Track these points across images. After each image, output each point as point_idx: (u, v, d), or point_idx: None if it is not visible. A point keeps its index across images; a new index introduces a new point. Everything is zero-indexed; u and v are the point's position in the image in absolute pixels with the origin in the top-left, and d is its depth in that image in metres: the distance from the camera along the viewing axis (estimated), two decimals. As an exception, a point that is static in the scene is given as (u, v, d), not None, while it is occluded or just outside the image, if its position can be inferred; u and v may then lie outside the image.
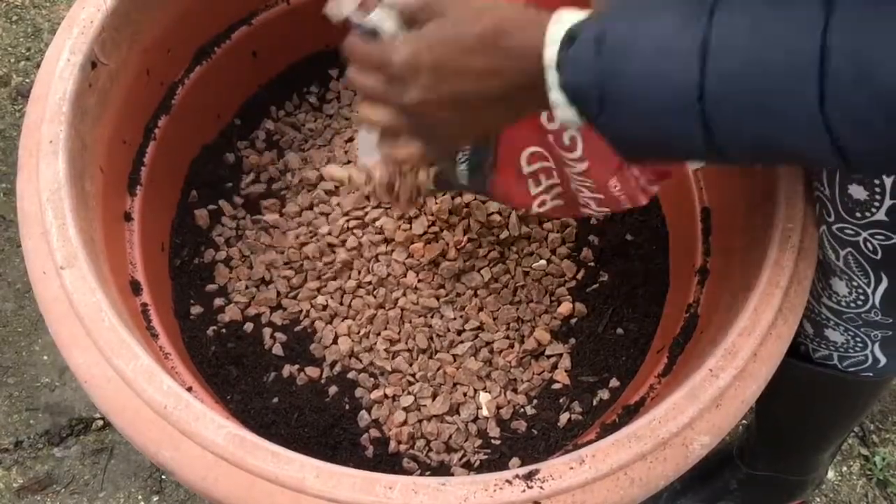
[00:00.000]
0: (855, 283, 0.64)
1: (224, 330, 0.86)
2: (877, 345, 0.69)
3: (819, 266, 0.67)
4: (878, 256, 0.60)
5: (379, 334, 0.87)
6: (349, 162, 0.97)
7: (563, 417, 0.83)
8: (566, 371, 0.87)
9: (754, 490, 0.97)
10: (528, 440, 0.82)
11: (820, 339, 0.72)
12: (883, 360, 0.70)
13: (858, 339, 0.69)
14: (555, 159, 0.70)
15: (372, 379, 0.85)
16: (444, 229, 0.92)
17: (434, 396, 0.85)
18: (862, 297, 0.65)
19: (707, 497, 0.99)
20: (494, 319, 0.88)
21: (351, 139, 0.99)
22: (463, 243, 0.91)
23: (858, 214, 0.59)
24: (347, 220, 0.92)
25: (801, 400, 0.81)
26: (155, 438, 0.55)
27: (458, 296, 0.89)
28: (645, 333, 0.87)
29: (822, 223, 0.64)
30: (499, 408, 0.85)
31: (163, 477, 1.02)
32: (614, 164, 0.66)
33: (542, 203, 0.74)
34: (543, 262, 0.91)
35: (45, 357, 1.09)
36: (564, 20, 0.45)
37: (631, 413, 0.75)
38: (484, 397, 0.85)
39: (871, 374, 0.72)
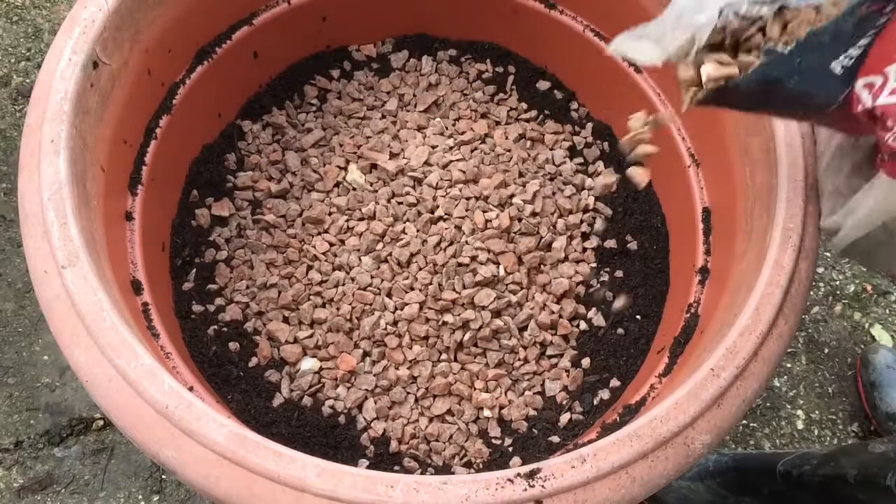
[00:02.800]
0: None
1: (225, 329, 0.87)
2: None
3: None
4: None
5: (378, 332, 0.87)
6: (350, 162, 0.97)
7: (564, 417, 0.83)
8: (567, 371, 0.87)
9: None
10: (528, 440, 0.83)
11: None
12: None
13: None
14: None
15: (373, 378, 0.85)
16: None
17: (435, 396, 0.85)
18: None
19: (736, 487, 0.97)
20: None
21: (352, 137, 0.99)
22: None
23: None
24: (348, 221, 0.92)
25: None
26: (156, 438, 0.55)
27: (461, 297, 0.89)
28: (645, 333, 0.87)
29: None
30: (500, 408, 0.85)
31: (163, 476, 1.02)
32: None
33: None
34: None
35: (46, 357, 1.09)
36: None
37: (632, 412, 0.75)
38: (485, 397, 0.85)
39: None
